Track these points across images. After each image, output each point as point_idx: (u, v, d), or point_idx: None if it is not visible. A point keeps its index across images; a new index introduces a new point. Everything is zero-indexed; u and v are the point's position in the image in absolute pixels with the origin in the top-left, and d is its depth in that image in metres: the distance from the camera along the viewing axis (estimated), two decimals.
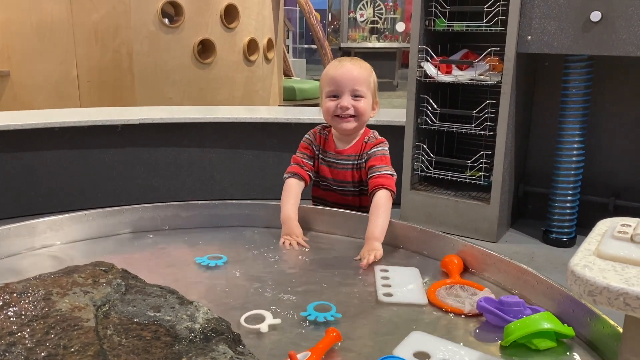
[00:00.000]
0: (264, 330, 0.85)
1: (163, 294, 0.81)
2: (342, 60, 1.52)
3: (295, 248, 1.25)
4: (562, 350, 0.84)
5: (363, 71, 1.49)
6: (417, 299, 0.99)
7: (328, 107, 1.49)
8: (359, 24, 10.77)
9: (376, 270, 1.11)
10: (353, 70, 1.48)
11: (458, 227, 3.00)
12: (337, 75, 1.48)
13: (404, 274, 1.10)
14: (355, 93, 1.47)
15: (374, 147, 1.50)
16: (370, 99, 1.51)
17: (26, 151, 3.13)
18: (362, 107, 1.48)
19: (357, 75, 1.47)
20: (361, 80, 1.48)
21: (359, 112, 1.48)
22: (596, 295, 0.51)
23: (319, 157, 1.56)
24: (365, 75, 1.49)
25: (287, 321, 0.89)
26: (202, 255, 1.16)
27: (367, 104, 1.49)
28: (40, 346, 0.64)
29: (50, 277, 0.81)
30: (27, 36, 4.54)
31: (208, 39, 4.97)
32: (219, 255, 1.16)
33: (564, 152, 2.82)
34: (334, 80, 1.48)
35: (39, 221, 1.20)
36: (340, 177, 1.54)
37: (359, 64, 1.51)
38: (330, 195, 1.57)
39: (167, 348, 0.68)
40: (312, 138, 1.57)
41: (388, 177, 1.41)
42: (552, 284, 0.94)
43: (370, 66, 1.54)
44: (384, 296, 1.00)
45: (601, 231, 0.65)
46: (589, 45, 2.56)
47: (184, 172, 3.52)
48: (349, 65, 1.49)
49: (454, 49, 3.20)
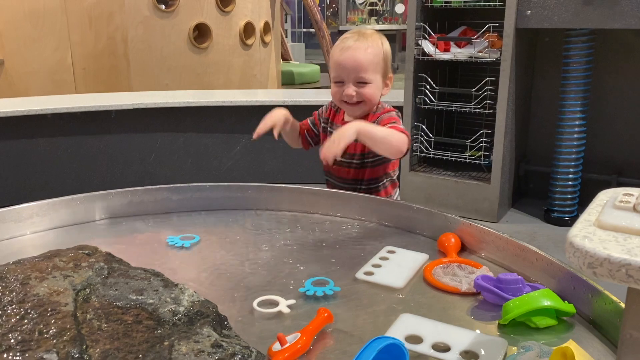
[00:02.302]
0: (286, 311, 0.83)
1: (147, 276, 0.78)
2: (348, 39, 1.43)
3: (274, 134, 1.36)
4: (563, 328, 0.81)
5: (368, 54, 1.40)
6: (393, 282, 0.94)
7: (334, 93, 1.46)
8: (358, 6, 10.64)
9: (382, 250, 1.07)
10: (357, 54, 1.39)
11: (458, 207, 2.96)
12: (341, 62, 1.41)
13: (406, 258, 1.05)
14: (359, 80, 1.41)
15: (383, 115, 1.45)
16: (378, 81, 1.44)
17: (20, 138, 3.10)
18: (367, 94, 1.42)
19: (362, 61, 1.39)
20: (366, 66, 1.39)
21: (364, 98, 1.43)
22: (596, 267, 0.48)
23: (326, 129, 1.53)
24: (370, 58, 1.40)
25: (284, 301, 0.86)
26: (182, 237, 1.13)
27: (374, 88, 1.43)
28: (13, 332, 0.61)
29: (30, 262, 0.79)
30: (21, 23, 4.48)
31: (204, 23, 4.90)
32: (192, 236, 1.13)
33: (565, 129, 2.77)
34: (338, 65, 1.41)
35: (24, 206, 1.16)
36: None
37: (365, 44, 1.41)
38: (336, 169, 1.54)
39: (148, 332, 0.65)
40: (323, 109, 1.57)
41: (402, 130, 1.37)
42: (552, 260, 0.91)
43: (380, 39, 1.45)
44: (363, 274, 0.96)
45: (602, 201, 0.61)
46: (590, 18, 2.50)
47: (180, 157, 3.48)
48: (353, 49, 1.40)
49: (452, 26, 3.14)
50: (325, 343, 0.77)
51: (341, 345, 0.76)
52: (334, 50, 1.45)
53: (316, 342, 0.76)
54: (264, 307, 0.84)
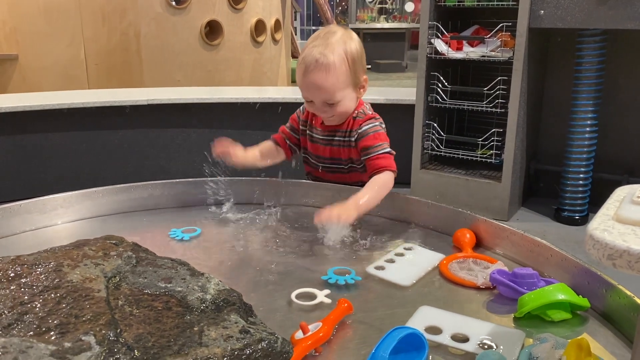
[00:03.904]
0: (328, 301, 0.86)
1: (174, 265, 0.81)
2: (308, 57, 1.28)
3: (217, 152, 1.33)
4: (577, 322, 0.83)
5: (330, 77, 1.28)
6: (400, 280, 0.95)
7: (307, 107, 1.40)
8: (368, 4, 10.64)
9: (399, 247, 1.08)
10: (317, 79, 1.28)
11: (469, 205, 2.98)
12: (305, 85, 1.32)
13: (422, 256, 1.06)
14: (327, 101, 1.32)
15: (364, 125, 1.36)
16: (349, 94, 1.34)
17: (35, 133, 3.14)
18: (339, 111, 1.35)
19: (325, 87, 1.29)
20: (330, 90, 1.29)
21: (336, 113, 1.35)
22: (616, 259, 0.50)
23: (305, 132, 1.47)
24: (333, 82, 1.28)
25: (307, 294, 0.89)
26: (183, 230, 1.16)
27: (346, 102, 1.34)
28: (52, 315, 0.64)
29: (61, 250, 0.81)
30: (35, 19, 4.53)
31: (215, 20, 4.94)
32: (193, 228, 1.16)
33: (576, 129, 2.78)
34: (303, 87, 1.33)
35: (49, 198, 1.20)
36: (327, 154, 1.44)
37: (327, 59, 1.27)
38: (320, 174, 1.49)
39: (178, 318, 0.67)
40: (300, 111, 1.49)
41: (386, 157, 1.31)
42: (566, 256, 0.93)
43: (345, 43, 1.30)
44: (374, 269, 0.98)
45: (619, 197, 0.63)
46: (603, 18, 2.51)
47: (193, 152, 3.52)
48: (314, 74, 1.28)
49: (465, 25, 3.15)
50: (346, 332, 0.79)
51: (361, 334, 0.79)
52: (297, 66, 1.33)
53: (337, 332, 0.78)
54: (302, 299, 0.86)
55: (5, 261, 0.75)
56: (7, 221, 1.13)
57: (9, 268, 0.73)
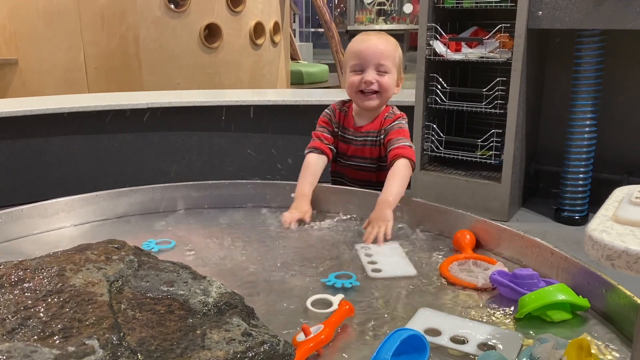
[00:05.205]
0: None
1: (176, 269, 0.81)
2: (368, 34, 1.49)
3: (292, 227, 1.22)
4: (578, 322, 0.83)
5: (389, 46, 1.45)
6: (405, 271, 1.00)
7: (352, 82, 1.46)
8: (366, 6, 10.63)
9: (357, 248, 1.11)
10: (379, 44, 1.44)
11: (469, 206, 2.98)
12: (363, 49, 1.44)
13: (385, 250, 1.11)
14: (380, 68, 1.44)
15: (392, 122, 1.47)
16: (394, 75, 1.47)
17: (36, 137, 3.14)
18: (386, 83, 1.44)
19: (383, 50, 1.44)
20: (387, 55, 1.44)
21: (382, 87, 1.44)
22: (615, 259, 0.50)
23: (337, 133, 1.53)
24: (391, 50, 1.45)
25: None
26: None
27: (392, 79, 1.46)
28: (55, 319, 0.64)
29: (64, 255, 0.82)
30: (34, 23, 4.53)
31: (214, 23, 4.94)
32: (169, 237, 1.16)
33: (575, 129, 2.78)
34: (359, 54, 1.44)
35: (50, 202, 1.20)
36: (358, 153, 1.51)
37: (386, 38, 1.48)
38: (349, 171, 1.55)
39: (181, 321, 0.68)
40: (331, 114, 1.54)
41: (406, 148, 1.38)
42: (566, 256, 0.93)
43: (397, 41, 1.51)
44: (372, 272, 1.00)
45: (618, 198, 0.64)
46: (602, 19, 2.51)
47: (193, 156, 3.52)
48: (374, 39, 1.45)
49: (464, 26, 3.15)
50: (347, 334, 0.79)
51: (362, 336, 0.79)
52: (353, 42, 1.48)
53: (338, 334, 0.79)
54: (317, 307, 0.86)
55: (8, 266, 0.76)
56: (9, 226, 1.13)
57: (12, 273, 0.73)
